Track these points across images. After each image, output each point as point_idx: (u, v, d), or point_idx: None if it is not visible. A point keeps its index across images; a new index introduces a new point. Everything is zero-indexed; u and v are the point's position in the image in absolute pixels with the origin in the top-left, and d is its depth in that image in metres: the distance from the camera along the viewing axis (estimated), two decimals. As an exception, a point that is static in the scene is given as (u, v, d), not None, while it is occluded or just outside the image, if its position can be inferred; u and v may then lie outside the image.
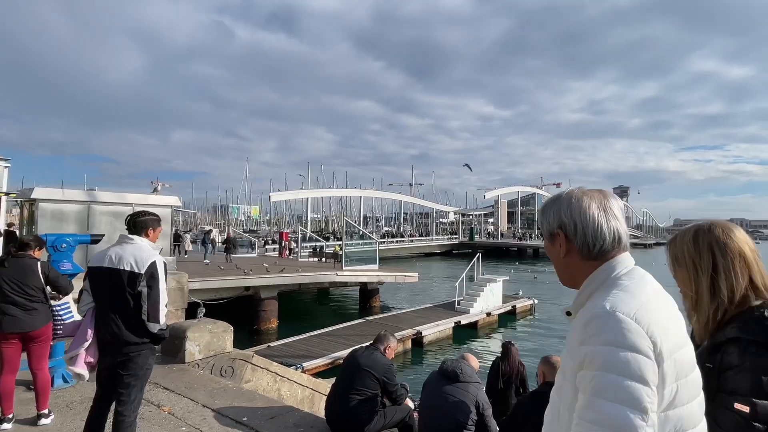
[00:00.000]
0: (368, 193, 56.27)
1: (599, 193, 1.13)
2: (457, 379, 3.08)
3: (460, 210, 72.99)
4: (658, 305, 0.99)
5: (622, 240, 1.08)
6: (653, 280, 1.07)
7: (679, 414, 0.94)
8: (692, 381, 0.98)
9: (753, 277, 1.30)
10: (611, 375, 0.88)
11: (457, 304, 14.58)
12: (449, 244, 56.70)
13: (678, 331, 0.99)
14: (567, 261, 1.12)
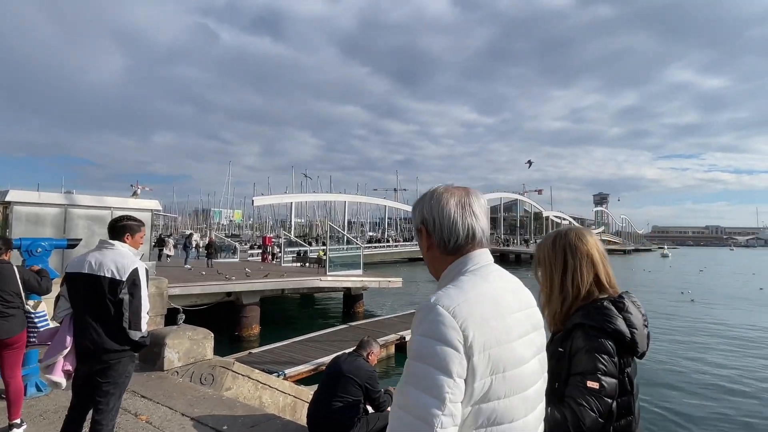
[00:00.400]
0: (353, 198, 56.14)
1: (462, 191, 1.18)
2: None
3: (444, 216, 73.35)
4: (489, 302, 1.02)
5: (476, 236, 1.13)
6: (501, 278, 1.11)
7: (494, 407, 0.96)
8: (513, 377, 0.99)
9: (598, 276, 1.49)
10: (420, 363, 0.93)
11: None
12: (433, 249, 56.80)
13: (505, 328, 1.01)
14: (429, 255, 1.18)
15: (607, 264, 1.53)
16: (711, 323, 17.09)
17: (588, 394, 1.30)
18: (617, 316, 1.39)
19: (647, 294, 26.52)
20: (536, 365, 1.08)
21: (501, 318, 1.01)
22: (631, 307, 1.44)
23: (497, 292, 1.06)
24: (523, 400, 1.02)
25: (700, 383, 9.90)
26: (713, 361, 11.69)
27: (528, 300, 1.14)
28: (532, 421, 1.04)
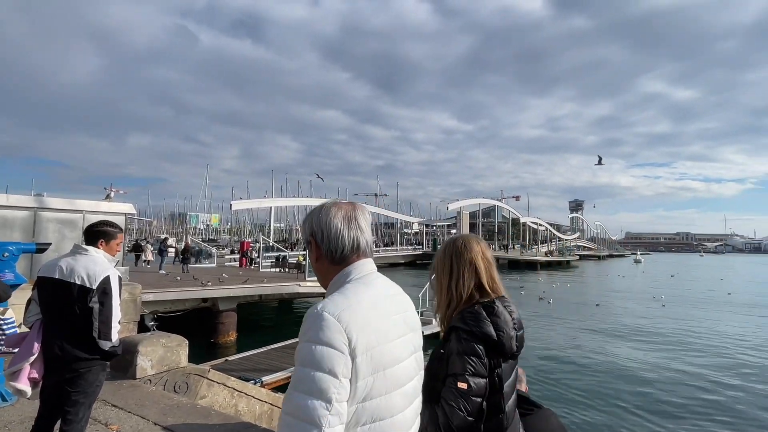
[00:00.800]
0: (333, 203, 56.04)
1: (349, 206, 1.30)
2: None
3: (424, 221, 73.83)
4: (370, 307, 1.11)
5: (360, 247, 1.23)
6: (383, 285, 1.22)
7: (377, 404, 1.04)
8: (393, 375, 1.09)
9: (481, 281, 1.57)
10: (306, 368, 0.99)
11: (420, 314, 14.66)
12: (413, 254, 57.14)
13: (384, 330, 1.10)
14: (318, 265, 1.26)
15: (492, 270, 1.63)
16: (681, 327, 17.62)
17: (458, 394, 1.38)
18: (486, 320, 1.47)
19: (622, 299, 27.28)
20: (413, 363, 1.19)
21: (381, 321, 1.11)
22: (502, 312, 1.52)
23: (378, 297, 1.16)
24: (403, 395, 1.12)
25: (668, 382, 10.18)
26: (681, 362, 12.05)
27: (405, 304, 1.25)
28: (410, 415, 1.15)
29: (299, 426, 0.94)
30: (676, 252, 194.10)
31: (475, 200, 76.10)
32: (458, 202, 71.25)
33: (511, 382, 1.52)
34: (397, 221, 67.74)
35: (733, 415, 8.43)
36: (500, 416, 1.44)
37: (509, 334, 1.49)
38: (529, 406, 2.27)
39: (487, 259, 1.63)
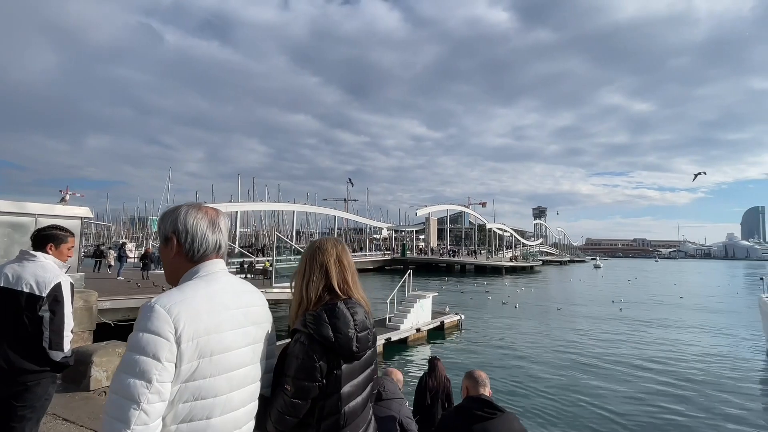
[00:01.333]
0: (302, 208, 55.32)
1: (213, 211, 1.45)
2: (379, 397, 3.05)
3: (393, 226, 74.17)
4: (204, 300, 1.25)
5: (221, 249, 1.40)
6: (229, 283, 1.36)
7: (199, 384, 1.19)
8: (220, 361, 1.23)
9: (331, 283, 1.62)
10: (132, 353, 1.13)
11: (388, 320, 14.70)
12: (382, 259, 57.19)
13: (215, 321, 1.24)
14: (173, 261, 1.37)
15: (346, 273, 1.67)
16: (636, 330, 18.39)
17: (283, 394, 1.44)
18: (325, 322, 1.50)
19: (583, 304, 28.22)
20: (248, 353, 1.34)
21: (213, 313, 1.25)
22: (343, 313, 1.54)
23: (216, 293, 1.30)
24: (228, 379, 1.25)
25: (623, 383, 10.59)
26: (635, 365, 12.55)
27: (251, 301, 1.41)
28: (237, 397, 1.28)
29: (121, 402, 1.08)
30: (633, 257, 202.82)
31: (443, 206, 77.02)
32: (427, 208, 71.96)
33: (358, 383, 1.55)
34: (367, 227, 67.70)
35: (679, 411, 8.84)
36: (337, 416, 1.48)
37: (348, 335, 1.50)
38: (492, 410, 2.32)
39: (341, 263, 1.67)
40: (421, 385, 5.28)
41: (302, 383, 1.43)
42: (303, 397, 1.43)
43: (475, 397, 2.49)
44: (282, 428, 1.44)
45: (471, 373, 2.71)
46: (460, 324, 17.33)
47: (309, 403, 1.45)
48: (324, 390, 1.47)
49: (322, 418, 1.48)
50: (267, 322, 1.47)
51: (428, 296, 16.14)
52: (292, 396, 1.42)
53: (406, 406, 3.16)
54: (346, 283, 1.66)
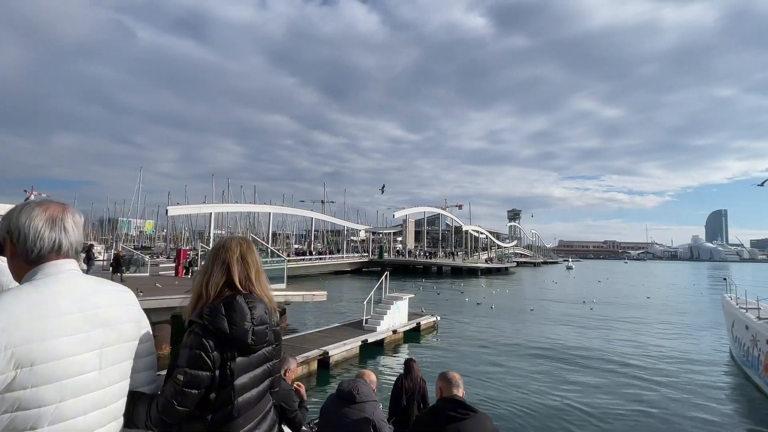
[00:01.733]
0: (278, 209, 54.70)
1: (57, 207, 1.34)
2: (353, 400, 3.04)
3: (371, 228, 74.17)
4: (28, 307, 1.18)
5: (62, 248, 1.31)
6: (73, 284, 1.29)
7: (18, 396, 1.13)
8: (45, 370, 1.16)
9: (232, 279, 1.64)
10: None
11: (365, 322, 14.66)
12: (360, 261, 57.07)
13: (41, 328, 1.17)
14: (12, 263, 1.31)
15: (250, 270, 1.68)
16: (606, 329, 18.90)
17: (174, 384, 1.44)
18: (221, 315, 1.52)
19: (556, 304, 28.85)
20: (93, 358, 1.26)
21: (39, 320, 1.17)
22: (241, 306, 1.56)
23: (49, 297, 1.22)
24: (59, 388, 1.18)
25: (594, 380, 10.86)
26: (604, 362, 12.89)
27: (98, 302, 1.31)
28: (72, 407, 1.21)
29: None
30: (603, 259, 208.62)
31: (420, 208, 77.60)
32: (404, 210, 72.31)
33: (254, 376, 1.57)
34: (344, 228, 67.46)
35: (644, 410, 9.12)
36: (230, 407, 1.49)
37: (244, 327, 1.52)
38: (465, 411, 2.34)
39: (244, 260, 1.68)
40: (397, 387, 5.28)
41: (194, 372, 1.44)
42: (194, 386, 1.43)
43: (448, 397, 2.51)
44: (168, 418, 1.42)
45: (445, 374, 2.72)
46: (436, 325, 17.44)
47: (200, 393, 1.45)
48: (216, 381, 1.48)
49: (215, 410, 1.48)
50: (127, 323, 1.39)
51: (405, 298, 16.18)
52: (183, 385, 1.42)
53: (380, 409, 3.13)
54: (249, 279, 1.67)
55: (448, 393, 2.55)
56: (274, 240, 60.51)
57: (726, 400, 10.14)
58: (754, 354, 10.68)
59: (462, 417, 2.32)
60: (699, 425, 8.41)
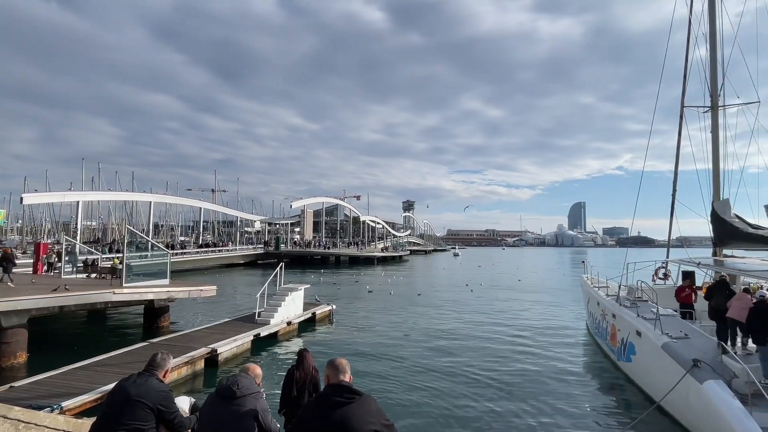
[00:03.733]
0: (161, 198, 50.04)
1: None
2: (233, 396, 2.95)
3: (267, 219, 71.71)
4: None
5: None
6: None
7: None
8: None
9: None
10: None
11: (258, 315, 14.31)
12: (254, 253, 54.98)
13: None
14: None
15: None
16: (483, 308, 20.91)
17: None
18: None
19: (442, 288, 31.15)
20: None
21: None
22: None
23: None
24: None
25: (475, 357, 12.04)
26: (481, 339, 14.32)
27: None
28: None
29: None
30: (485, 246, 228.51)
31: (318, 199, 76.95)
32: (302, 200, 71.12)
33: None
34: (237, 219, 64.21)
35: (512, 380, 10.41)
36: None
37: None
38: (351, 395, 2.45)
39: None
40: (289, 377, 5.27)
41: None
42: None
43: (334, 384, 2.55)
44: None
45: (331, 361, 2.74)
46: (331, 314, 17.66)
47: None
48: None
49: None
50: None
51: (300, 289, 16.10)
52: None
53: (263, 400, 3.10)
54: None
55: (335, 380, 2.60)
56: (156, 232, 55.49)
57: (581, 364, 11.96)
58: (603, 326, 12.69)
59: (348, 401, 2.36)
60: (558, 385, 9.85)
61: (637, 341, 9.61)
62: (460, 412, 8.32)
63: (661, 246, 18.33)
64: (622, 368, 10.54)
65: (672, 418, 7.57)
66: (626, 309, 10.96)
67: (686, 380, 6.95)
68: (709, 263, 12.41)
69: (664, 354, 7.95)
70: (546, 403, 8.78)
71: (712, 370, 6.82)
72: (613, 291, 13.38)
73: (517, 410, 8.38)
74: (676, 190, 15.40)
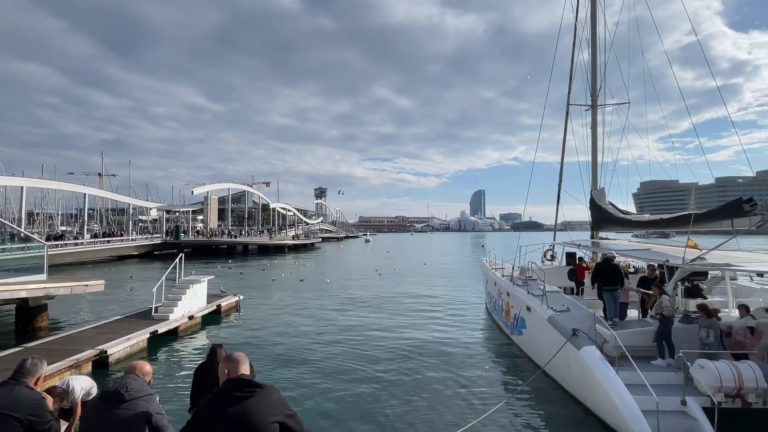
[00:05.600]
0: (35, 183, 43.60)
1: None
2: (121, 400, 2.68)
3: (165, 206, 66.12)
4: None
5: None
6: None
7: None
8: None
9: None
10: None
11: (155, 311, 13.25)
12: (150, 244, 50.59)
13: None
14: None
15: None
16: (391, 293, 21.61)
17: None
18: None
19: (356, 274, 31.49)
20: None
21: None
22: None
23: None
24: None
25: (378, 340, 12.41)
26: (384, 321, 14.82)
27: None
28: None
29: None
30: (395, 232, 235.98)
31: (224, 185, 72.73)
32: (205, 186, 66.78)
33: None
34: (129, 206, 58.40)
35: (415, 357, 10.96)
36: None
37: None
38: (251, 388, 2.36)
39: None
40: (197, 375, 4.95)
41: None
42: None
43: (233, 378, 2.44)
44: None
45: (229, 356, 2.61)
46: (238, 305, 16.98)
47: None
48: None
49: None
50: None
51: (203, 280, 15.22)
52: None
53: (156, 402, 2.85)
54: None
55: (234, 374, 2.49)
56: (30, 221, 48.56)
57: (479, 340, 12.89)
58: (499, 304, 13.78)
59: (248, 395, 2.27)
60: (458, 359, 10.55)
61: (527, 316, 10.61)
62: (366, 388, 8.63)
63: (549, 230, 20.41)
64: (515, 341, 11.59)
65: (555, 381, 8.53)
66: (518, 287, 12.03)
67: (566, 347, 7.85)
68: (588, 245, 14.07)
69: (549, 325, 8.91)
70: (446, 376, 9.43)
71: (588, 338, 7.79)
72: (507, 272, 14.58)
73: (419, 385, 8.89)
74: (562, 180, 17.19)
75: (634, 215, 14.21)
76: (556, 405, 7.86)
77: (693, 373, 6.44)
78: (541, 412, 7.62)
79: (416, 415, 7.46)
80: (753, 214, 8.15)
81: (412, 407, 7.79)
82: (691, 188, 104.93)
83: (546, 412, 7.62)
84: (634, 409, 6.09)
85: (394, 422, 7.20)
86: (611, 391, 6.52)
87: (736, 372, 6.11)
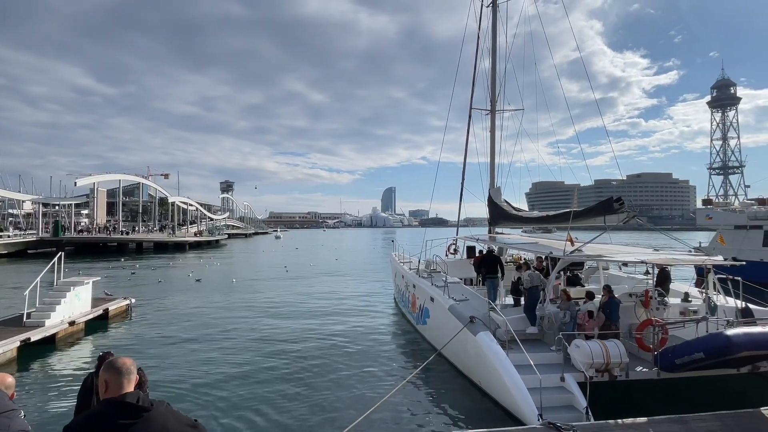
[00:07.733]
0: None
1: None
2: None
3: (42, 199, 57.99)
4: None
5: None
6: None
7: None
8: None
9: None
10: None
11: (27, 317, 11.64)
12: (23, 242, 44.30)
13: None
14: None
15: None
16: (298, 290, 21.37)
17: None
18: None
19: (264, 271, 30.57)
20: None
21: None
22: None
23: None
24: None
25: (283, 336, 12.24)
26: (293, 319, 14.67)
27: None
28: None
29: None
30: (307, 228, 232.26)
31: (114, 176, 65.89)
32: (91, 177, 60.06)
33: None
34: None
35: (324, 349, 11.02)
36: None
37: None
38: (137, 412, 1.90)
39: None
40: (86, 387, 4.42)
41: None
42: None
43: (113, 401, 1.96)
44: None
45: (111, 363, 2.09)
46: (129, 309, 15.54)
47: None
48: None
49: None
50: None
51: (87, 282, 13.71)
52: None
53: (20, 418, 2.46)
54: None
55: (116, 387, 2.00)
56: None
57: (387, 331, 13.35)
58: (406, 296, 14.30)
59: (133, 422, 1.86)
60: (367, 349, 10.87)
61: (431, 306, 11.19)
62: (271, 385, 8.59)
63: (453, 226, 21.61)
64: (420, 331, 12.16)
65: (455, 366, 9.14)
66: (423, 279, 12.63)
67: (464, 333, 8.45)
68: (485, 239, 15.18)
69: (449, 314, 9.50)
70: (352, 365, 9.79)
71: (483, 324, 8.45)
72: (414, 265, 15.20)
73: (324, 375, 9.10)
74: (464, 179, 18.30)
75: (525, 212, 15.64)
76: (454, 386, 8.49)
77: (570, 352, 7.29)
78: (442, 392, 8.26)
79: (323, 404, 7.66)
80: (621, 211, 9.49)
81: (319, 397, 8.02)
82: (574, 189, 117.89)
83: (445, 392, 8.25)
84: (522, 388, 6.75)
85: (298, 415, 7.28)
86: (503, 372, 7.15)
87: (604, 349, 7.04)
